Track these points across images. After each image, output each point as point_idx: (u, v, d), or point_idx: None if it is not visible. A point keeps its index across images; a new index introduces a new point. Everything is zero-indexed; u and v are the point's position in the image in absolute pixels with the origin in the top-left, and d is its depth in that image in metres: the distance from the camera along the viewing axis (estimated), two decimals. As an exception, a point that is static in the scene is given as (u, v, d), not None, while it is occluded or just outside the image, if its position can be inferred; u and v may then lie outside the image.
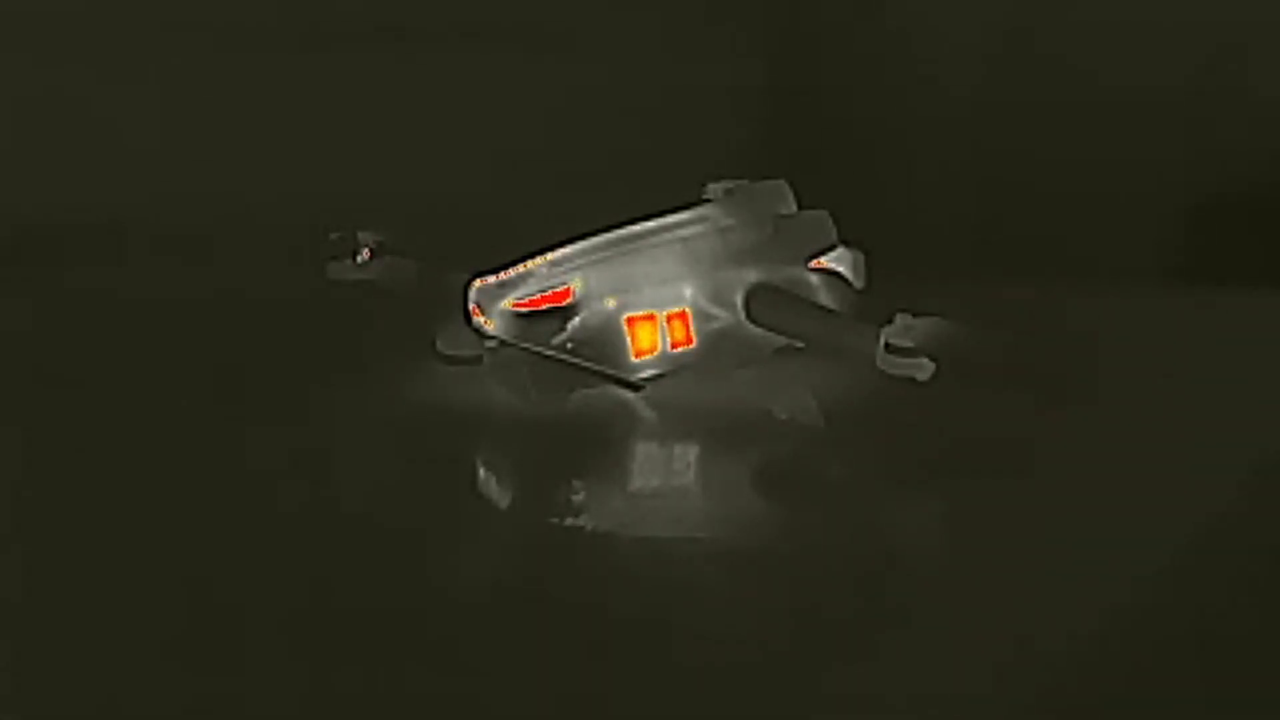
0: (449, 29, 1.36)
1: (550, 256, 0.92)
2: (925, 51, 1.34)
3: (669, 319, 0.92)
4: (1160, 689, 0.60)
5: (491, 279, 0.91)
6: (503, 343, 0.91)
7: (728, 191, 0.96)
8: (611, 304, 0.91)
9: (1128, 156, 1.32)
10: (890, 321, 0.86)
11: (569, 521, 0.76)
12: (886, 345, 0.85)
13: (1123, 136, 1.32)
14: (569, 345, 0.90)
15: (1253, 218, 1.31)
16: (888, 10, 1.35)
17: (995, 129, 1.33)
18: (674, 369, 0.92)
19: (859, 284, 0.97)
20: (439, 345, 0.93)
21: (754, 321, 0.93)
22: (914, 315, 0.85)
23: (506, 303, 0.91)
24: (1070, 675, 0.61)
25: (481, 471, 0.86)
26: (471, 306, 0.91)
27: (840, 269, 0.97)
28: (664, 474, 0.85)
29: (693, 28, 1.36)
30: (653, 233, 0.93)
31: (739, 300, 0.93)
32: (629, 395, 0.90)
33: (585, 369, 0.90)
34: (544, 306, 0.91)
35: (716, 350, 0.93)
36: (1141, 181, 1.32)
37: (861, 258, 0.97)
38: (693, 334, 0.93)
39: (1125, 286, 1.17)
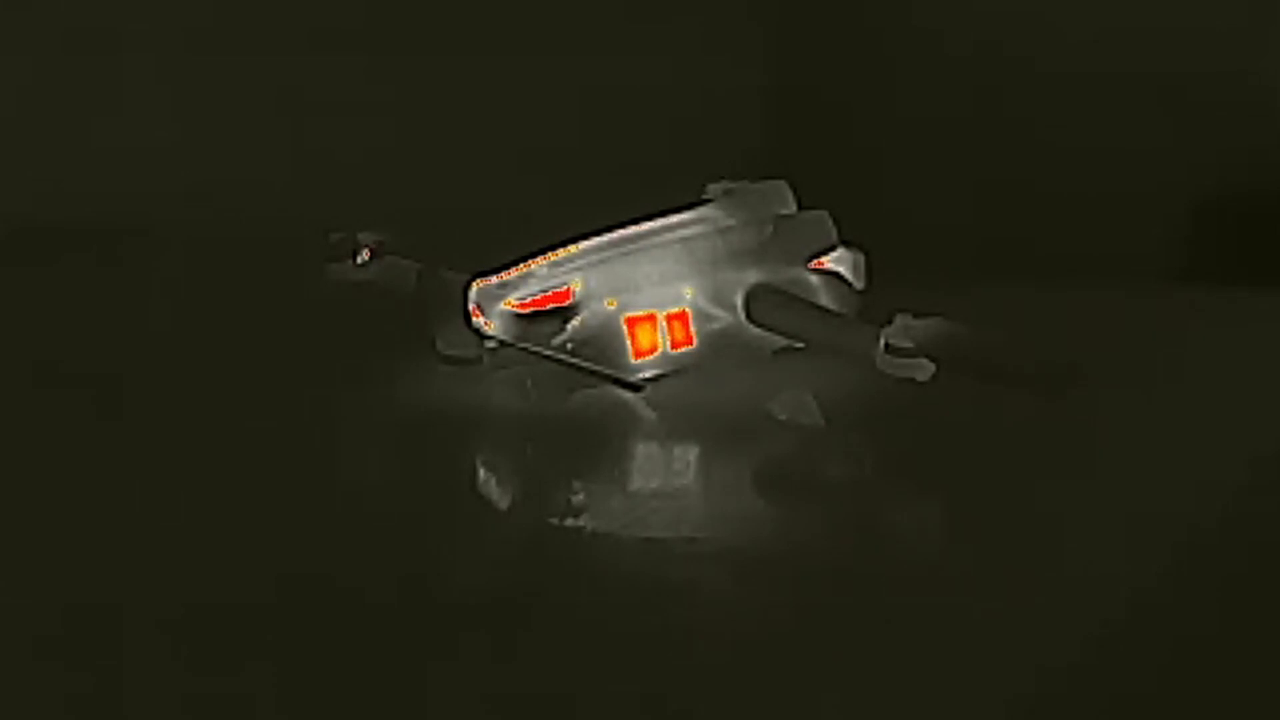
0: (449, 30, 1.36)
1: (550, 256, 0.92)
2: (925, 52, 1.34)
3: (669, 319, 0.92)
4: (1159, 689, 0.60)
5: (491, 279, 0.91)
6: (503, 343, 0.91)
7: (728, 191, 0.96)
8: (611, 304, 0.91)
9: (1128, 156, 1.32)
10: (890, 322, 0.86)
11: (569, 522, 0.75)
12: (886, 345, 0.85)
13: (1123, 136, 1.32)
14: (569, 345, 0.90)
15: (1253, 218, 1.31)
16: (887, 10, 1.35)
17: (995, 129, 1.33)
18: (674, 369, 0.92)
19: (859, 284, 0.97)
20: (439, 345, 0.93)
21: (754, 321, 0.93)
22: (914, 315, 0.85)
23: (506, 303, 0.91)
24: (1070, 675, 0.61)
25: (481, 471, 0.86)
26: (471, 307, 0.91)
27: (840, 269, 0.97)
28: (664, 474, 0.85)
29: (693, 28, 1.36)
30: (653, 233, 0.93)
31: (739, 300, 0.93)
32: (629, 395, 0.90)
33: (585, 369, 0.90)
34: (544, 307, 0.91)
35: (716, 350, 0.93)
36: (1142, 181, 1.32)
37: (861, 258, 0.98)
38: (693, 334, 0.93)
39: (1125, 286, 1.17)
